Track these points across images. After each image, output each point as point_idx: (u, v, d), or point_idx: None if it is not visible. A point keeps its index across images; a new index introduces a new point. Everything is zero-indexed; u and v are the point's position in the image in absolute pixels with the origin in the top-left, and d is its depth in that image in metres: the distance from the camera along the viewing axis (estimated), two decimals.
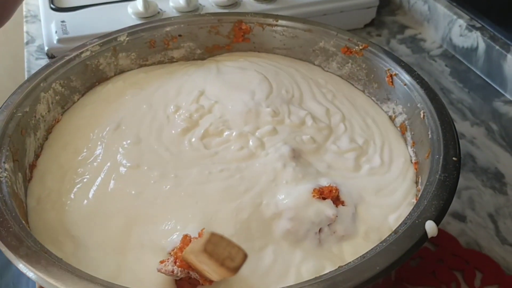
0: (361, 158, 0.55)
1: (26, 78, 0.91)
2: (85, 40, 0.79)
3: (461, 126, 0.76)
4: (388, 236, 0.41)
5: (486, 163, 0.70)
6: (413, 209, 0.43)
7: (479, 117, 0.78)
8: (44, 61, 0.94)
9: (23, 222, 0.42)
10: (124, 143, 0.55)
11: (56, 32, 0.82)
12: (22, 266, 0.38)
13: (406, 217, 0.43)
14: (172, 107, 0.59)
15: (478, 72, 0.86)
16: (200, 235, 0.44)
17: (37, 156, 0.55)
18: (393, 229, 0.49)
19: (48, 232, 0.47)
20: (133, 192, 0.50)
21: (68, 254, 0.45)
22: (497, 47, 0.81)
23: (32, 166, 0.53)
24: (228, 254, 0.25)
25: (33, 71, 0.93)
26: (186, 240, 0.41)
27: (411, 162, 0.55)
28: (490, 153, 0.71)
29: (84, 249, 0.46)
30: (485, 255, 0.58)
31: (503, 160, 0.70)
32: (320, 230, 0.48)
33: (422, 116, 0.53)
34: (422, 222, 0.41)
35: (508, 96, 0.81)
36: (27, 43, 0.99)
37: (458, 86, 0.85)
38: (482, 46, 0.84)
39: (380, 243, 0.41)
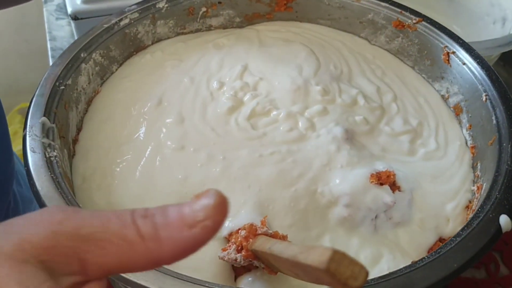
0: (416, 141, 0.53)
1: (47, 39, 0.88)
2: (112, 1, 0.75)
3: None
4: (461, 229, 0.40)
5: None
6: (484, 201, 0.41)
7: None
8: (65, 22, 0.90)
9: (80, 206, 0.40)
10: (167, 121, 0.52)
11: None
12: None
13: (478, 210, 0.41)
14: (215, 83, 0.56)
15: None
16: (262, 223, 0.42)
17: (78, 130, 0.53)
18: (450, 218, 0.48)
19: None
20: (179, 176, 0.48)
21: None
22: None
23: (75, 141, 0.52)
24: (351, 273, 0.23)
25: (54, 32, 0.90)
26: (252, 229, 0.40)
27: (467, 146, 0.53)
28: None
29: None
30: None
31: None
32: (376, 216, 0.47)
33: (484, 99, 0.50)
34: (496, 217, 0.40)
35: None
36: (45, 1, 0.95)
37: None
38: None
39: (453, 237, 0.39)
